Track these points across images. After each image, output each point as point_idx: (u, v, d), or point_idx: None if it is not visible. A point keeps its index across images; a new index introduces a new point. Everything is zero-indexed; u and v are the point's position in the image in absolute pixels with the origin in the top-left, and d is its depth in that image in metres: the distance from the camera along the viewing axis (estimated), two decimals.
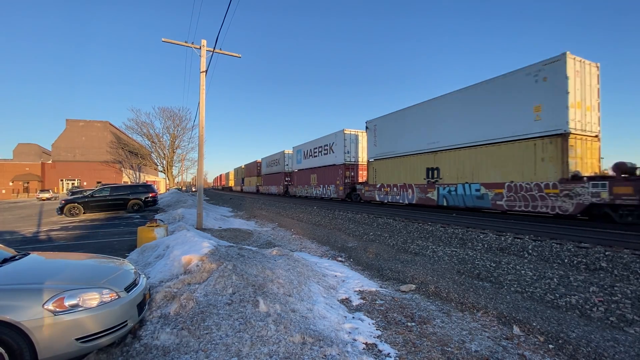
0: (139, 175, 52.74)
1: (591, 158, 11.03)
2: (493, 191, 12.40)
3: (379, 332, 3.68)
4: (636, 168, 9.71)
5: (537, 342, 3.50)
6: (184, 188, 55.45)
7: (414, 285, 5.43)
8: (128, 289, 3.13)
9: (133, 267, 3.69)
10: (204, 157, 13.43)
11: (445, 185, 14.55)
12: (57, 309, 2.58)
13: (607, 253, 5.80)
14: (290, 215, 15.97)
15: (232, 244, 6.88)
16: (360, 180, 22.42)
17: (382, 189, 18.70)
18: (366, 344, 3.38)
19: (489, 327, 3.88)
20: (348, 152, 22.48)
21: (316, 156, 26.89)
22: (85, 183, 49.71)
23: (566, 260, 5.94)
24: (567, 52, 10.44)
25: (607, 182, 9.51)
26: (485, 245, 7.40)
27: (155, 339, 3.11)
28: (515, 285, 5.09)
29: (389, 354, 3.19)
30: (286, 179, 34.37)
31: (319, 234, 10.60)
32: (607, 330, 3.66)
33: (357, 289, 5.26)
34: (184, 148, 48.80)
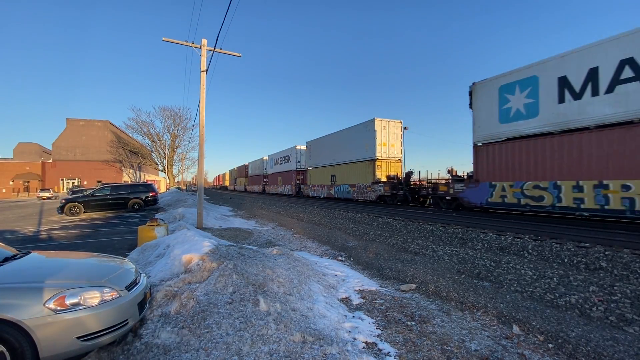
0: (140, 174, 52.76)
1: (395, 171, 20.49)
2: (352, 189, 22.50)
3: (379, 331, 3.69)
4: (395, 177, 19.13)
5: (536, 342, 3.51)
6: (184, 187, 55.48)
7: (414, 285, 5.44)
8: (129, 287, 3.14)
9: (134, 266, 3.70)
10: (204, 156, 13.44)
11: (337, 185, 24.53)
12: (59, 308, 2.59)
13: (606, 253, 5.81)
14: (290, 215, 15.98)
15: (232, 243, 6.89)
16: (306, 182, 31.53)
17: (312, 187, 28.85)
18: (366, 342, 3.39)
19: (489, 326, 3.89)
20: (299, 162, 31.95)
21: (281, 163, 36.30)
22: (85, 182, 49.78)
23: (566, 260, 5.95)
24: (375, 118, 20.13)
25: (382, 184, 19.06)
26: (485, 245, 7.41)
27: (156, 337, 3.12)
28: (515, 285, 5.09)
29: (389, 352, 3.20)
30: (264, 179, 42.90)
31: (319, 233, 10.60)
32: (607, 329, 3.66)
33: (357, 288, 5.27)
34: (185, 147, 48.81)
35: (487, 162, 12.81)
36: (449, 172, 15.43)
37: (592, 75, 9.88)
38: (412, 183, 18.14)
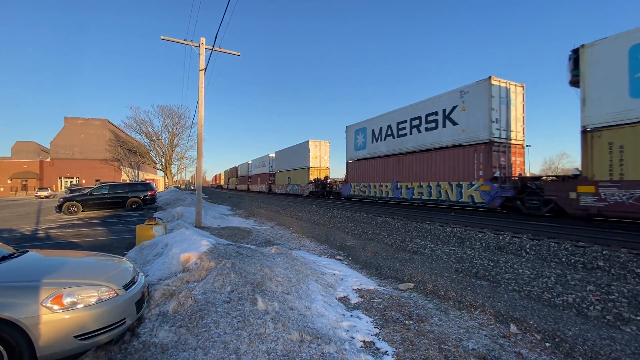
0: (138, 173, 52.68)
1: (323, 176, 28.20)
2: (298, 187, 30.10)
3: (377, 330, 3.69)
4: (319, 179, 27.68)
5: (534, 341, 3.52)
6: (182, 186, 55.40)
7: (412, 284, 5.45)
8: (127, 286, 3.13)
9: (132, 265, 3.69)
10: (203, 155, 13.42)
11: (290, 185, 32.18)
12: (56, 307, 2.58)
13: (604, 252, 5.83)
14: (289, 214, 15.97)
15: (231, 242, 6.90)
16: (275, 182, 39.41)
17: (277, 186, 36.44)
18: (364, 341, 3.39)
19: (487, 325, 3.91)
20: (271, 166, 39.50)
21: (259, 167, 44.74)
22: (83, 181, 49.59)
23: (564, 259, 5.97)
24: (309, 140, 28.45)
25: (312, 183, 27.69)
26: (484, 244, 7.42)
27: (154, 336, 3.12)
28: (513, 284, 5.11)
29: (386, 351, 3.20)
30: (249, 180, 50.80)
31: (318, 232, 10.61)
32: (604, 328, 3.68)
33: (356, 288, 5.28)
34: (183, 146, 48.78)
35: (351, 171, 22.60)
36: (345, 176, 24.67)
37: (380, 131, 19.20)
38: (327, 184, 27.54)
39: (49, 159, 51.70)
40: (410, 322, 3.92)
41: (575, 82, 10.15)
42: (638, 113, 8.34)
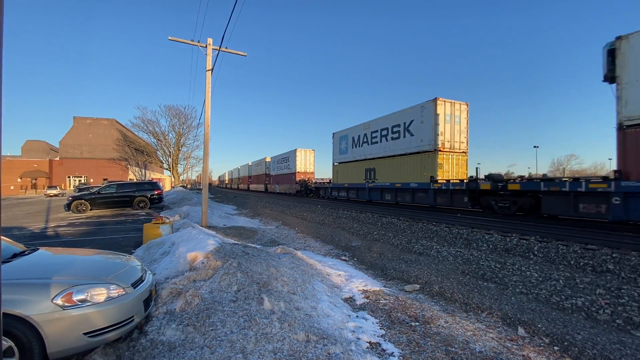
0: (145, 172, 53.23)
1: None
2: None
3: (383, 332, 3.68)
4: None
5: (542, 344, 3.48)
6: (189, 186, 55.81)
7: (418, 285, 5.42)
8: (135, 285, 3.17)
9: (140, 264, 3.73)
10: (209, 155, 13.50)
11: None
12: (66, 304, 2.62)
13: (614, 255, 5.74)
14: (294, 214, 16.00)
15: (236, 242, 6.93)
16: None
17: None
18: (370, 343, 3.38)
19: (494, 328, 3.87)
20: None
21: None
22: (92, 180, 50.20)
23: (572, 262, 5.89)
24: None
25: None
26: (490, 246, 7.36)
27: (161, 334, 3.15)
28: (521, 287, 5.05)
29: (392, 353, 3.19)
30: (249, 179, 55.70)
31: (323, 232, 10.61)
32: (614, 333, 3.62)
33: (361, 288, 5.27)
34: (190, 146, 49.26)
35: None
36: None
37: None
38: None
39: (58, 158, 52.44)
40: (417, 323, 3.90)
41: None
42: None
